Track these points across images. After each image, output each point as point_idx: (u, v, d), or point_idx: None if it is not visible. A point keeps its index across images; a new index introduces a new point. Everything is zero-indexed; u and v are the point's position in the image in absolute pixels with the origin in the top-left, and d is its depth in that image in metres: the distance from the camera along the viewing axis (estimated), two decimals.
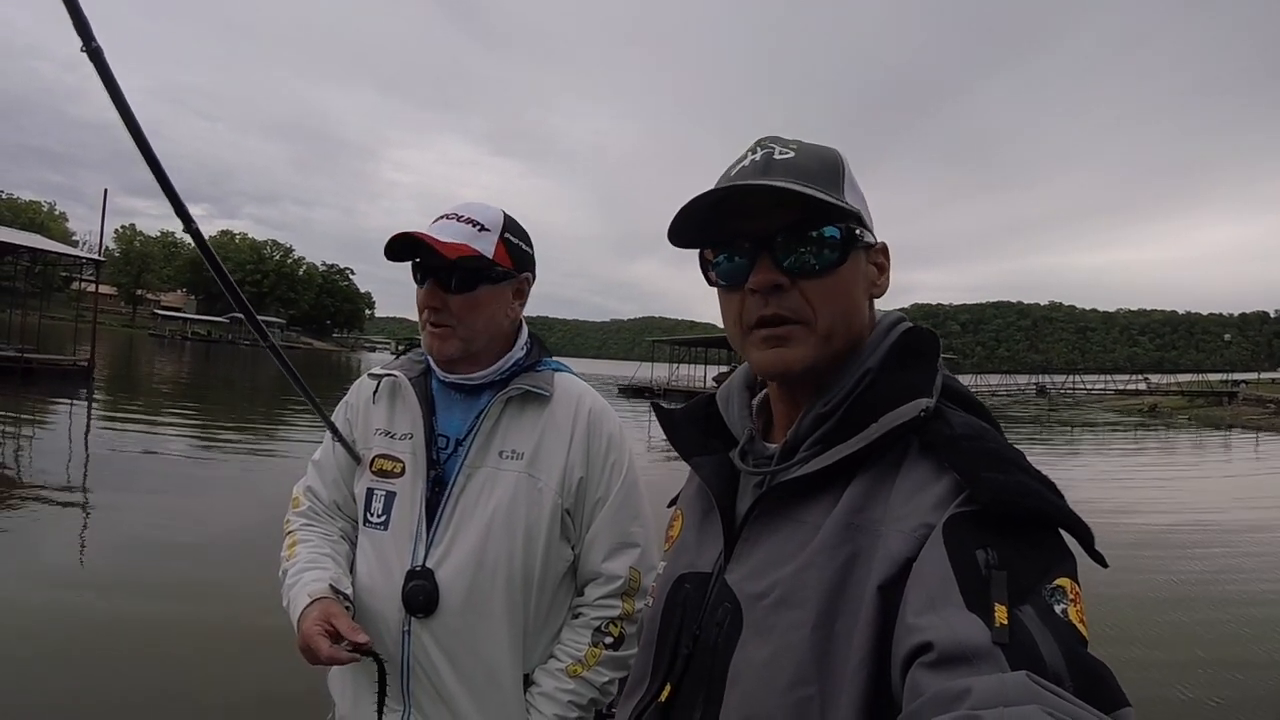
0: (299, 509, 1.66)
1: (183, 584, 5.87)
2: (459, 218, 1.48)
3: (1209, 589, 7.08)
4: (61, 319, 35.89)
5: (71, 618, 5.04)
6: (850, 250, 0.84)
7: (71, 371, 22.59)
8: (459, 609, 1.44)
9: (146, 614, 5.18)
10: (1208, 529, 9.94)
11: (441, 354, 1.51)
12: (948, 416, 0.78)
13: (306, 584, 1.44)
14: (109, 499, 8.67)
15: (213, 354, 60.52)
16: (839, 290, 0.84)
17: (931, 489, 0.73)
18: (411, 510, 1.49)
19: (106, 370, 26.19)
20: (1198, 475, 16.29)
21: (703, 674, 0.85)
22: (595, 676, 1.47)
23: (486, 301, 1.51)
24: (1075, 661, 0.58)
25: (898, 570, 0.70)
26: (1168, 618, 6.16)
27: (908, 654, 0.64)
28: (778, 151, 0.86)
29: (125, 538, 7.06)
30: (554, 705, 1.45)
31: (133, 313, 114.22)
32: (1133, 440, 24.82)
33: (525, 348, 1.61)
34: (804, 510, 0.82)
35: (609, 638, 1.49)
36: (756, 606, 0.81)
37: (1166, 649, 5.45)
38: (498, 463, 1.50)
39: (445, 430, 1.54)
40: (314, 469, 1.70)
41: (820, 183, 0.83)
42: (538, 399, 1.54)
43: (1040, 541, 0.67)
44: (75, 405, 17.70)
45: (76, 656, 4.48)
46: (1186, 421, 35.59)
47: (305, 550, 1.53)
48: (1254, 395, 44.37)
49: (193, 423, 16.36)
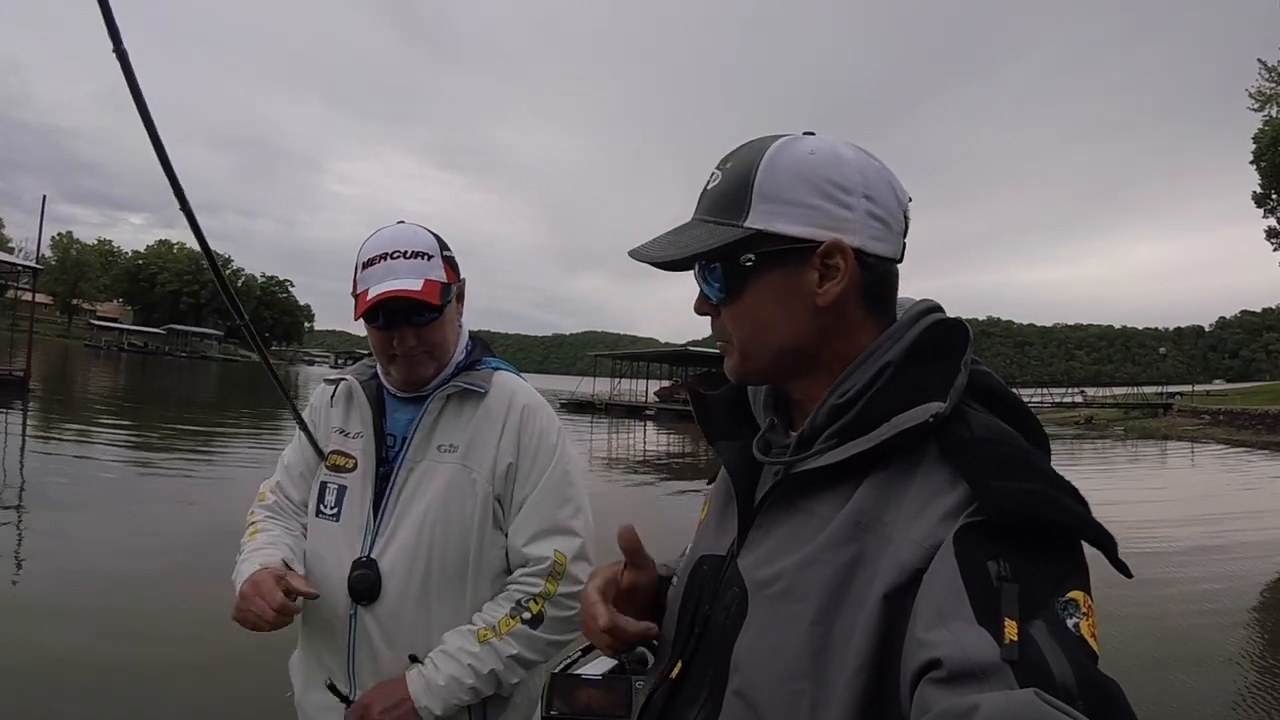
0: (265, 503, 1.72)
1: (120, 604, 5.71)
2: (404, 254, 1.53)
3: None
4: None
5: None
6: (744, 278, 0.86)
7: (7, 381, 21.75)
8: (398, 596, 1.51)
9: (83, 636, 5.02)
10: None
11: (420, 378, 1.60)
12: (967, 418, 0.76)
13: (260, 558, 1.51)
14: (45, 514, 8.39)
15: (149, 365, 59.01)
16: (741, 316, 0.88)
17: (945, 498, 0.72)
18: (361, 503, 1.57)
19: (43, 381, 25.30)
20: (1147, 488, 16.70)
21: (710, 655, 0.86)
22: (503, 646, 1.49)
23: (449, 320, 1.61)
24: (1085, 679, 0.57)
25: (906, 580, 0.69)
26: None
27: (917, 669, 0.63)
28: (712, 181, 0.89)
29: (63, 555, 6.85)
30: (451, 664, 1.47)
31: (68, 322, 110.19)
32: (1069, 453, 25.43)
33: (466, 349, 1.69)
34: (816, 502, 0.82)
35: (527, 613, 1.52)
36: (761, 594, 0.81)
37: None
38: (436, 456, 1.57)
39: (393, 430, 1.62)
40: (283, 469, 1.76)
41: (724, 211, 0.86)
42: (475, 395, 1.60)
43: (1054, 552, 0.65)
44: (10, 416, 17.09)
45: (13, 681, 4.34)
46: (1122, 433, 36.64)
47: (264, 537, 1.61)
48: (1189, 407, 45.92)
49: (131, 435, 15.90)
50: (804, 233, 0.83)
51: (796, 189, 0.83)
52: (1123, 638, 5.87)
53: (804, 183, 0.83)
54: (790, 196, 0.83)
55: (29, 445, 13.84)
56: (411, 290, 1.49)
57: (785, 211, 0.83)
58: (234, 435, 17.14)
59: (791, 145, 0.85)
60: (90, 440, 14.55)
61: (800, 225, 0.83)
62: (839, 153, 0.85)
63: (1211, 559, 9.16)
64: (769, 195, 0.83)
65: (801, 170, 0.83)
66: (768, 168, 0.84)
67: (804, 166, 0.83)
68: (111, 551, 7.06)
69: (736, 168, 0.86)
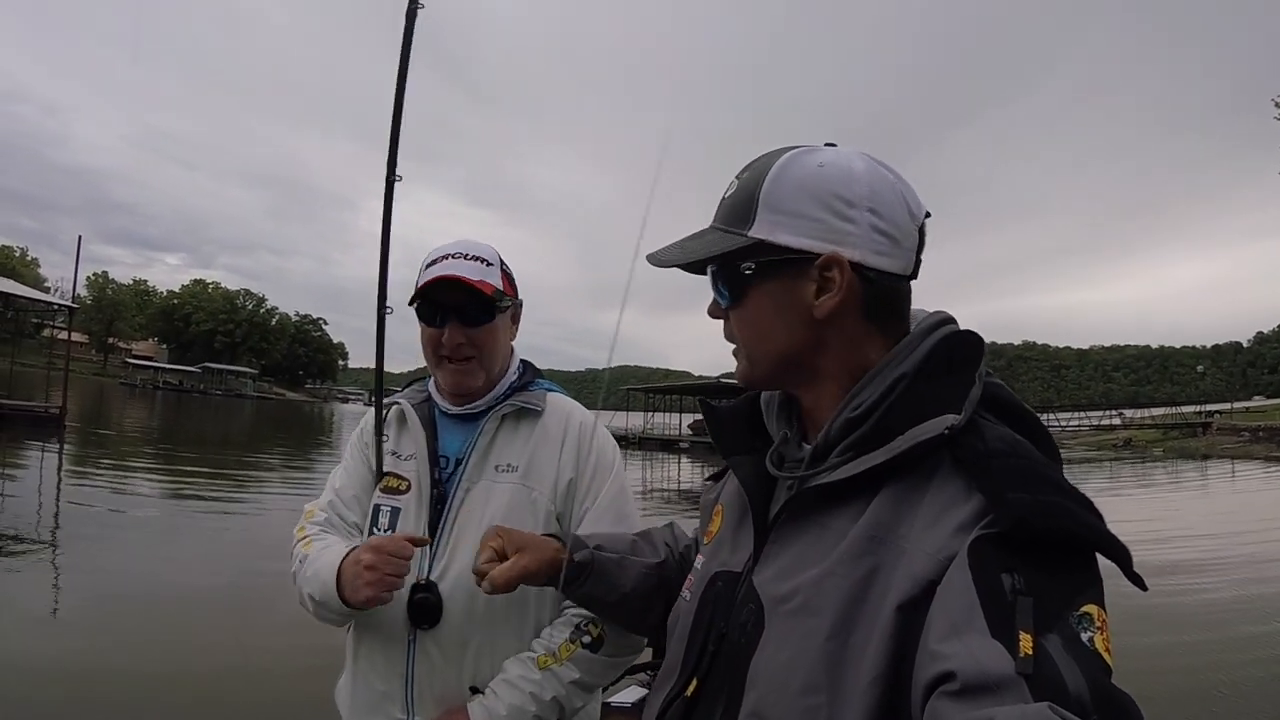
0: (315, 519, 1.65)
1: (159, 635, 5.69)
2: (465, 256, 1.55)
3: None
4: (32, 365, 35.36)
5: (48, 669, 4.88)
6: (746, 285, 0.89)
7: (44, 418, 22.25)
8: (461, 619, 1.46)
9: (122, 666, 5.01)
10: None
11: (466, 388, 1.58)
12: (982, 430, 0.77)
13: (339, 549, 1.47)
14: (81, 549, 8.45)
15: (184, 403, 59.91)
16: (744, 322, 0.91)
17: (959, 509, 0.72)
18: (416, 525, 1.54)
19: (79, 418, 25.78)
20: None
21: (726, 672, 0.85)
22: (565, 672, 1.44)
23: (501, 331, 1.60)
24: (1100, 693, 0.57)
25: (919, 592, 0.69)
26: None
27: (930, 681, 0.63)
28: (729, 190, 0.91)
29: (101, 587, 6.89)
30: (513, 693, 1.42)
31: (104, 360, 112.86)
32: (1109, 476, 24.94)
33: (519, 371, 1.68)
34: (831, 516, 0.81)
35: (587, 636, 1.47)
36: (778, 610, 0.81)
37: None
38: (494, 476, 1.54)
39: (446, 451, 1.59)
40: (332, 490, 1.69)
41: (733, 220, 0.89)
42: (531, 415, 1.59)
43: (1069, 565, 0.65)
44: (47, 452, 17.39)
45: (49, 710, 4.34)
46: (1161, 454, 35.91)
47: (319, 544, 1.55)
48: (1229, 425, 45.01)
49: (165, 469, 16.12)
50: (804, 244, 0.84)
51: (800, 201, 0.85)
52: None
53: (808, 195, 0.84)
54: (793, 208, 0.85)
55: (64, 480, 14.02)
56: (468, 278, 1.50)
57: (787, 223, 0.85)
58: (268, 469, 17.27)
59: (803, 157, 0.86)
60: (125, 474, 14.77)
61: (801, 237, 0.84)
62: (850, 166, 0.85)
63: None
64: (774, 206, 0.85)
65: (807, 183, 0.85)
66: (775, 179, 0.86)
67: (810, 179, 0.85)
68: (147, 580, 7.11)
69: (749, 178, 0.88)
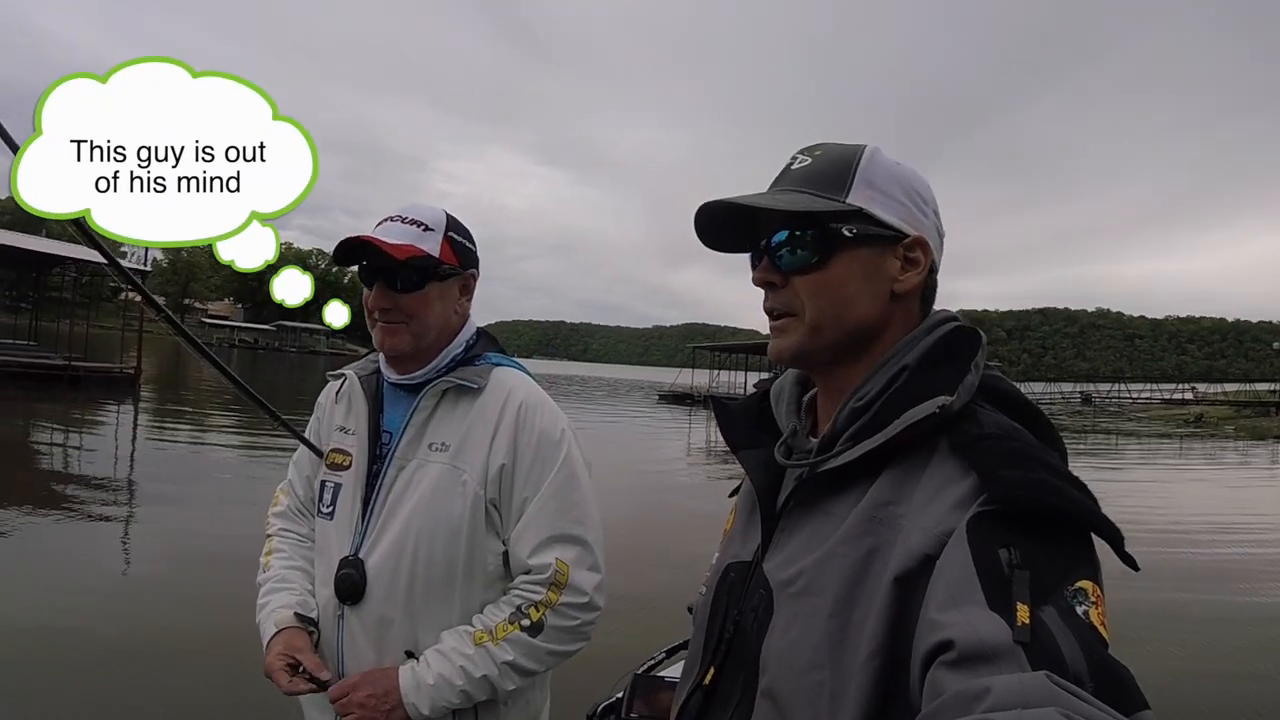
0: (277, 508, 1.75)
1: (232, 593, 5.88)
2: (403, 219, 1.53)
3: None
4: (110, 328, 36.64)
5: (118, 626, 5.08)
6: (836, 248, 0.88)
7: (119, 379, 23.16)
8: (383, 598, 1.47)
9: (193, 623, 5.15)
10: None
11: (392, 349, 1.54)
12: (979, 416, 0.80)
13: (274, 610, 1.54)
14: (156, 505, 8.80)
15: (259, 360, 61.36)
16: (824, 286, 0.89)
17: (956, 487, 0.74)
18: (353, 502, 1.54)
19: (153, 378, 26.72)
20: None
21: (741, 658, 0.88)
22: (499, 652, 1.43)
23: (435, 299, 1.54)
24: (1096, 663, 0.58)
25: (916, 565, 0.72)
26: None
27: (929, 651, 0.64)
28: (797, 161, 0.94)
29: (174, 545, 7.11)
30: (444, 663, 1.42)
31: (180, 320, 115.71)
32: (1179, 455, 24.08)
33: (465, 344, 1.62)
34: (834, 502, 0.85)
35: (527, 619, 1.45)
36: (785, 593, 0.84)
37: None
38: (426, 455, 1.52)
39: (389, 426, 1.58)
40: (293, 467, 1.78)
41: (823, 186, 0.90)
42: (470, 392, 1.54)
43: (1064, 542, 0.67)
44: (122, 411, 18.13)
45: (120, 666, 4.52)
46: (1234, 432, 34.55)
47: (278, 562, 1.64)
48: None
49: (238, 424, 16.60)
50: (897, 223, 0.89)
51: (891, 185, 0.90)
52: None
53: (897, 183, 0.91)
54: (887, 189, 0.90)
55: (139, 436, 14.61)
56: (381, 240, 1.46)
57: (883, 200, 0.89)
58: None
59: (881, 153, 0.92)
60: (200, 430, 15.33)
61: (894, 216, 0.89)
62: (914, 169, 0.93)
63: None
64: (870, 182, 0.90)
65: (894, 172, 0.91)
66: (869, 160, 0.91)
67: (895, 170, 0.91)
68: (219, 539, 7.16)
69: (833, 154, 0.92)
